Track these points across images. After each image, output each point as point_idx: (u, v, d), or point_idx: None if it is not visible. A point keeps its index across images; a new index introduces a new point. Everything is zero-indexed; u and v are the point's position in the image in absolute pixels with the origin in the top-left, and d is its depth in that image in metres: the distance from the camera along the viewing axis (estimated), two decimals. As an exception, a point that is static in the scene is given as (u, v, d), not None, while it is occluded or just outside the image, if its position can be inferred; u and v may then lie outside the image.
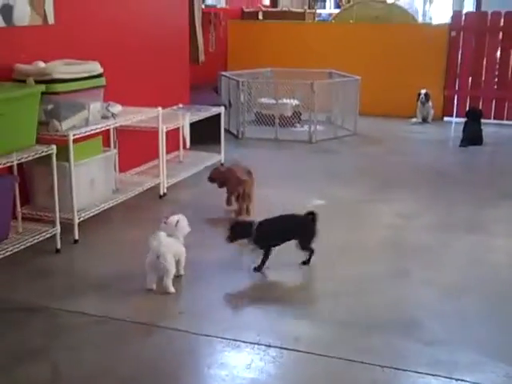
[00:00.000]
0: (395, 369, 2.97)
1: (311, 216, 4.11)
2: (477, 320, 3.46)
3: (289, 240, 4.08)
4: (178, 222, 3.90)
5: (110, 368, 2.97)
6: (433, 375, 2.92)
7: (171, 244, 3.76)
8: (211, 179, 5.32)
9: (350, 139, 8.17)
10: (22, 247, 4.03)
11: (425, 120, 9.33)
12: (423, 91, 9.17)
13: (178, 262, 3.83)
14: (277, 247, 4.05)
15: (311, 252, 4.12)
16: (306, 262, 4.11)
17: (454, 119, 9.46)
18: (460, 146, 7.79)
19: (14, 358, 3.01)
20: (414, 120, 9.33)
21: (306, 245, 4.09)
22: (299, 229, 4.11)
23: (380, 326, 3.38)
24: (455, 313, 3.54)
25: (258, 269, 3.99)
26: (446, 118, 9.60)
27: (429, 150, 7.80)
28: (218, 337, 3.24)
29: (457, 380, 2.88)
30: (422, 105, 9.24)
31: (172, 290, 3.68)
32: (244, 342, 3.19)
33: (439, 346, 3.17)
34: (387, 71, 9.58)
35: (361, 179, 6.32)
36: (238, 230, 4.00)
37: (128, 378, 2.89)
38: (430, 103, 9.26)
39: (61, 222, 4.29)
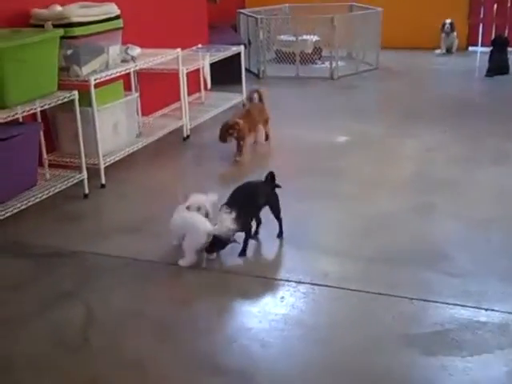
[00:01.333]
0: (424, 300, 2.99)
1: (270, 177, 3.63)
2: (504, 251, 3.45)
3: (259, 209, 3.64)
4: (199, 207, 3.49)
5: (141, 309, 3.03)
6: (462, 306, 2.94)
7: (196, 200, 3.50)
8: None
9: (372, 74, 8.03)
10: (51, 193, 4.08)
11: (449, 51, 9.13)
12: (448, 21, 8.94)
13: None
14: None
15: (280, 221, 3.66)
16: (280, 235, 3.66)
17: (479, 48, 9.25)
18: (486, 75, 7.63)
19: (46, 302, 3.08)
20: (438, 51, 9.13)
21: (277, 211, 3.64)
22: (268, 194, 3.62)
23: (408, 259, 3.39)
24: (483, 245, 3.53)
25: (243, 253, 3.49)
26: (470, 48, 9.39)
27: (454, 82, 7.64)
28: (248, 275, 3.28)
29: (486, 310, 2.90)
30: (447, 35, 9.03)
31: (181, 263, 3.40)
32: (275, 279, 3.23)
33: (467, 278, 3.18)
34: (410, 1, 9.31)
35: (384, 114, 6.25)
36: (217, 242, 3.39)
37: (159, 318, 2.95)
38: (455, 33, 9.03)
39: (87, 168, 4.33)
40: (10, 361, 2.65)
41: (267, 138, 5.48)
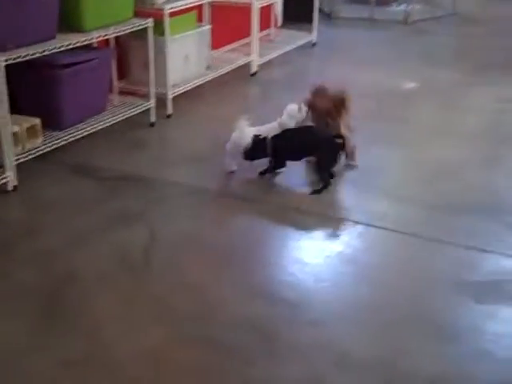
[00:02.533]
0: (479, 250, 2.99)
1: (338, 139, 3.52)
2: None
3: (305, 156, 3.63)
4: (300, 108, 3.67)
5: (203, 235, 3.13)
6: (518, 257, 2.93)
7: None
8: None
9: (448, 19, 7.78)
10: (119, 119, 4.18)
11: (533, 0, 8.72)
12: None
13: None
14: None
15: (326, 180, 3.53)
16: (316, 191, 3.51)
17: None
18: None
19: (111, 222, 3.21)
20: (520, -1, 8.74)
21: (321, 168, 3.55)
22: (318, 146, 3.52)
23: (470, 209, 3.36)
24: (548, 200, 3.47)
25: (264, 172, 3.64)
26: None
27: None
28: (307, 211, 3.33)
29: (543, 264, 2.88)
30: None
31: (233, 168, 3.67)
32: (333, 217, 3.28)
33: (527, 231, 3.15)
34: None
35: (459, 62, 6.08)
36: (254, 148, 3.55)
37: (220, 245, 3.05)
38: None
39: (155, 97, 4.40)
40: (76, 275, 2.79)
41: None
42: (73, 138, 3.85)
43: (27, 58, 3.40)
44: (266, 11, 6.04)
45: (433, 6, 8.02)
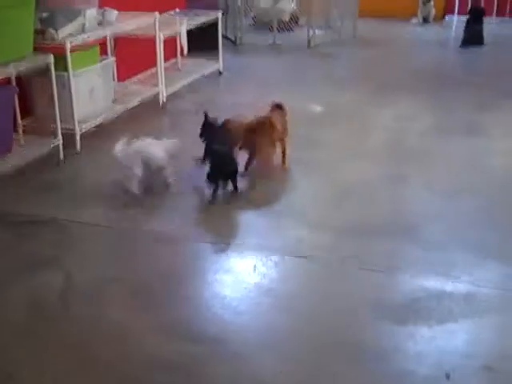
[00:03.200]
0: (393, 270, 3.07)
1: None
2: (474, 222, 3.54)
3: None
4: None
5: (120, 275, 3.08)
6: (430, 276, 3.02)
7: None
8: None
9: (349, 43, 8.05)
10: (26, 159, 4.07)
11: (426, 20, 9.18)
12: (425, -11, 8.96)
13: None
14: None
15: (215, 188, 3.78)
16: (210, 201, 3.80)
17: (456, 18, 9.29)
18: (461, 46, 7.70)
19: (25, 268, 3.11)
20: (414, 20, 9.17)
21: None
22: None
23: (379, 229, 3.46)
24: (452, 216, 3.61)
25: (213, 199, 3.79)
26: (447, 17, 9.42)
27: (429, 52, 7.70)
28: (222, 244, 3.34)
29: (454, 280, 2.98)
30: (424, 4, 9.06)
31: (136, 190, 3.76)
32: (247, 248, 3.29)
33: (436, 248, 3.27)
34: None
35: (360, 83, 6.28)
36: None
37: (137, 284, 3.00)
38: (432, 2, 9.06)
39: (62, 134, 4.31)
40: (-11, 326, 2.69)
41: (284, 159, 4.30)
42: (-24, 183, 3.71)
43: None
44: (171, 40, 6.05)
45: (334, 31, 8.27)
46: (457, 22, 9.11)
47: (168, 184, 3.87)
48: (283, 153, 4.25)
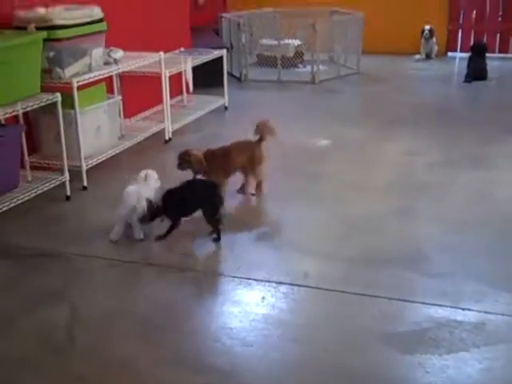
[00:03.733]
0: (402, 300, 3.05)
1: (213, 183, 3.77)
2: (481, 253, 3.52)
3: (195, 210, 3.76)
4: (146, 175, 3.87)
5: (127, 309, 3.06)
6: (439, 305, 3.00)
7: (144, 191, 3.74)
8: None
9: (353, 78, 8.12)
10: (33, 195, 4.08)
11: (428, 56, 9.26)
12: (427, 27, 9.07)
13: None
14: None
15: (218, 225, 3.68)
16: (215, 239, 3.69)
17: (458, 54, 9.39)
18: (464, 81, 7.74)
19: (31, 302, 3.10)
20: (417, 56, 9.25)
21: (210, 216, 3.69)
22: (204, 197, 3.70)
23: (387, 261, 3.45)
24: (460, 247, 3.59)
25: (162, 237, 3.71)
26: (449, 54, 9.54)
27: (433, 87, 7.75)
28: (229, 276, 3.32)
29: (463, 309, 2.96)
30: (426, 41, 9.16)
31: (111, 236, 3.71)
32: (255, 279, 3.27)
33: (445, 278, 3.25)
34: (390, 7, 9.42)
35: (365, 118, 6.32)
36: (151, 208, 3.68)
37: (144, 317, 2.98)
38: (434, 39, 9.17)
39: (69, 170, 4.34)
40: (-3, 360, 2.67)
41: (259, 188, 4.34)
42: (-16, 218, 3.72)
43: None
44: (176, 78, 6.12)
45: (338, 66, 8.35)
46: (459, 58, 9.20)
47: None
48: (258, 182, 4.32)
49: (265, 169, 4.31)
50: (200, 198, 3.70)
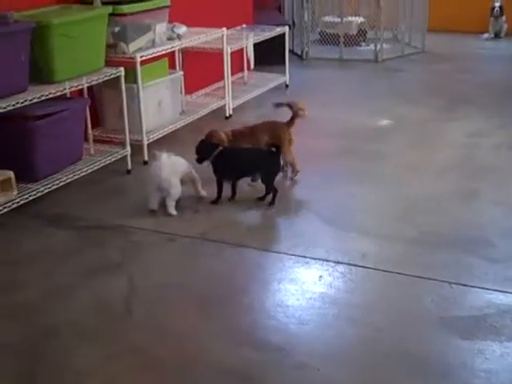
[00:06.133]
0: (463, 285, 2.98)
1: (275, 150, 3.84)
2: (548, 238, 3.41)
3: (249, 174, 3.96)
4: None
5: (184, 283, 3.09)
6: (501, 291, 2.92)
7: (175, 164, 3.77)
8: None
9: (417, 57, 7.93)
10: (96, 168, 4.16)
11: (497, 35, 8.95)
12: (497, 4, 8.77)
13: (192, 182, 3.91)
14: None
15: (274, 191, 3.84)
16: (265, 200, 3.87)
17: (529, 33, 9.05)
18: (534, 61, 7.48)
19: (91, 272, 3.17)
20: (486, 35, 8.96)
21: (268, 181, 3.85)
22: (261, 163, 3.86)
23: (448, 243, 3.38)
24: (525, 231, 3.50)
25: (215, 201, 3.88)
26: (519, 33, 9.19)
27: (501, 67, 7.50)
28: (287, 253, 3.31)
29: (527, 296, 2.88)
30: (495, 19, 8.85)
31: (173, 212, 3.73)
32: (313, 258, 3.26)
33: (508, 263, 3.16)
34: (458, -16, 9.14)
35: (429, 98, 6.17)
36: (202, 150, 3.90)
37: (201, 291, 3.01)
38: (504, 17, 8.84)
39: (131, 144, 4.40)
40: (57, 329, 2.74)
41: (293, 171, 4.25)
42: (48, 190, 3.81)
43: (-1, 111, 3.39)
44: (238, 55, 6.11)
45: (402, 45, 8.17)
46: (530, 38, 8.89)
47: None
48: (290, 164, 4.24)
49: (293, 150, 4.21)
50: (259, 162, 3.84)
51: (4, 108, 3.43)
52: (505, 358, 2.49)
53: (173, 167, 3.74)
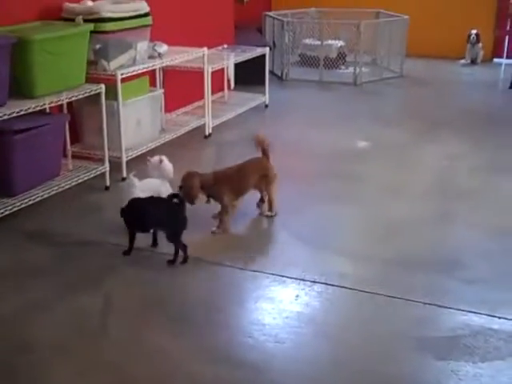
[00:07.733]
0: (438, 306, 3.01)
1: (176, 200, 3.43)
2: (521, 261, 3.46)
3: (155, 227, 3.54)
4: (161, 161, 3.91)
5: (159, 301, 3.08)
6: (475, 313, 2.95)
7: (150, 185, 3.78)
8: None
9: (395, 81, 8.04)
10: (74, 184, 4.15)
11: (474, 61, 9.11)
12: (473, 31, 8.93)
13: None
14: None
15: (179, 247, 3.39)
16: (169, 261, 3.40)
17: (504, 61, 9.21)
18: (510, 87, 7.61)
19: (68, 289, 3.15)
20: (462, 61, 9.11)
21: (171, 237, 3.41)
22: (164, 217, 3.41)
23: (424, 265, 3.41)
24: (499, 253, 3.53)
25: (127, 252, 3.48)
26: (495, 60, 9.35)
27: (477, 93, 7.63)
28: (264, 272, 3.32)
29: (499, 318, 2.91)
30: (472, 46, 9.01)
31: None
32: (290, 277, 3.27)
33: (482, 285, 3.20)
34: (436, 10, 9.30)
35: (407, 121, 6.25)
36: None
37: (176, 309, 3.00)
38: (480, 44, 9.02)
39: (109, 160, 4.40)
40: (31, 345, 2.72)
41: (270, 207, 3.96)
42: (25, 205, 3.79)
43: (-22, 124, 3.38)
44: (218, 74, 6.15)
45: (381, 69, 8.28)
46: (505, 65, 9.03)
47: None
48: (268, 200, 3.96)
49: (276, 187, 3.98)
50: (162, 215, 3.40)
51: (-18, 122, 3.42)
52: (478, 378, 2.52)
53: (144, 189, 3.72)
